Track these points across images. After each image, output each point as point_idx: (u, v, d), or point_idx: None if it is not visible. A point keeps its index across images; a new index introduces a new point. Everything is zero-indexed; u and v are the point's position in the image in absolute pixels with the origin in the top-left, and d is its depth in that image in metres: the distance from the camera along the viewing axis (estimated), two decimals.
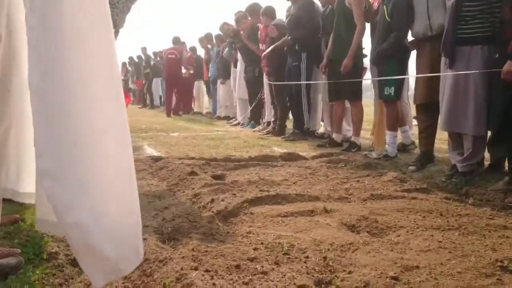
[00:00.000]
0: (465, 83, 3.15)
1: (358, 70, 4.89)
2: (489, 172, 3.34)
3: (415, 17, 3.78)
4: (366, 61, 5.12)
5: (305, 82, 5.68)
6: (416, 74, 3.88)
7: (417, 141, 4.27)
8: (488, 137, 3.30)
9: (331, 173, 3.73)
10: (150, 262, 1.79)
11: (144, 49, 15.68)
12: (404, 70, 4.16)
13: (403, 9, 3.88)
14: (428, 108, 3.76)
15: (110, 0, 4.16)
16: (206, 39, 10.84)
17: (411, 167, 3.75)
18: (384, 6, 4.15)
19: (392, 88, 4.16)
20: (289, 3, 6.03)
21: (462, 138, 3.30)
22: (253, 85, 7.67)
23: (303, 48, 5.66)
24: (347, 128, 5.61)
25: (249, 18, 7.24)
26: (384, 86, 4.22)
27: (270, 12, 6.40)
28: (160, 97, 15.41)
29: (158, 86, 15.04)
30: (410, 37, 4.07)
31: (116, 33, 4.48)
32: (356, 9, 4.71)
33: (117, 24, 4.39)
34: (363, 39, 4.98)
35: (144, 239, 2.02)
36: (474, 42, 3.10)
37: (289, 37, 5.79)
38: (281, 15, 6.69)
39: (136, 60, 17.72)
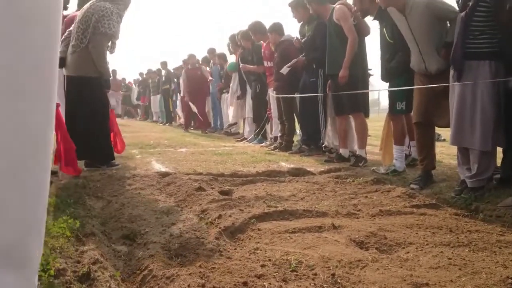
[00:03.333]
0: (472, 98, 3.14)
1: (357, 83, 4.89)
2: (499, 188, 3.30)
3: (411, 52, 3.79)
4: (372, 80, 5.16)
5: (313, 94, 5.69)
6: (415, 94, 3.86)
7: None
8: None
9: (339, 188, 3.71)
10: (157, 279, 1.79)
11: (164, 64, 15.07)
12: (413, 85, 4.16)
13: None
14: (424, 126, 3.76)
15: (105, 13, 4.23)
16: (210, 55, 11.05)
17: (413, 185, 3.71)
18: (384, 29, 4.21)
19: (404, 103, 4.17)
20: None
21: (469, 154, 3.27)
22: (255, 102, 7.77)
23: (320, 65, 5.67)
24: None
25: (252, 36, 7.32)
26: (395, 101, 4.22)
27: (278, 29, 6.46)
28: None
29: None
30: None
31: (114, 44, 4.54)
32: (345, 23, 4.83)
33: (115, 36, 4.45)
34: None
35: (151, 255, 2.03)
36: (482, 57, 3.10)
37: (304, 57, 5.84)
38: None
39: (145, 76, 17.87)
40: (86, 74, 4.37)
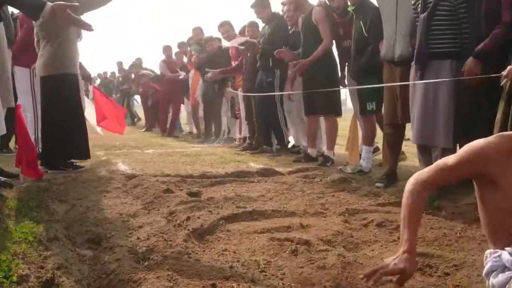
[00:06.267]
0: (433, 97, 3.23)
1: (332, 86, 4.94)
2: (461, 185, 3.41)
3: (384, 38, 3.83)
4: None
5: (292, 92, 5.73)
6: (385, 95, 3.92)
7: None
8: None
9: (307, 188, 3.75)
10: (124, 283, 1.76)
11: (120, 64, 14.84)
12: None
13: (381, 22, 3.94)
14: (394, 127, 3.84)
15: None
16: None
17: (378, 184, 3.78)
18: (361, 22, 4.23)
19: (374, 103, 4.24)
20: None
21: (431, 152, 3.36)
22: (211, 101, 7.73)
23: (277, 65, 5.73)
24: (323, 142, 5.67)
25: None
26: (366, 102, 4.29)
27: (255, 26, 6.47)
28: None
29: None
30: None
31: None
32: (322, 26, 4.84)
33: None
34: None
35: (118, 259, 2.00)
36: (443, 56, 3.19)
37: (261, 48, 5.88)
38: None
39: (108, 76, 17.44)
40: (58, 72, 4.25)
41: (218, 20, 7.23)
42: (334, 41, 4.99)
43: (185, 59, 9.47)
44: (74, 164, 4.58)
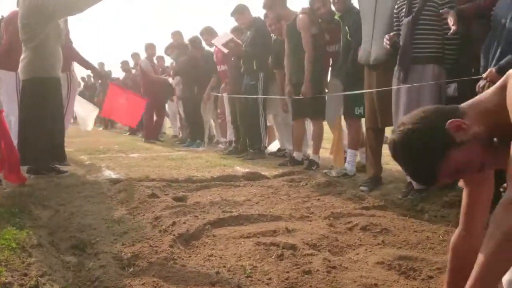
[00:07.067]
0: (417, 101, 3.27)
1: (317, 90, 4.96)
2: (444, 189, 3.46)
3: (362, 41, 3.85)
4: None
5: (279, 97, 5.74)
6: (366, 100, 3.96)
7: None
8: None
9: (293, 192, 3.76)
10: None
11: (101, 65, 13.84)
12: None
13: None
14: (375, 131, 3.88)
15: None
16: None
17: (363, 187, 3.81)
18: (346, 28, 4.26)
19: (362, 108, 4.25)
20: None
21: None
22: (190, 104, 7.73)
23: (261, 68, 5.75)
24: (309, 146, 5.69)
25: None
26: (354, 106, 4.30)
27: (238, 31, 6.48)
28: None
29: None
30: None
31: None
32: (304, 35, 4.81)
33: None
34: None
35: (102, 266, 1.98)
36: (426, 61, 3.24)
37: (244, 51, 5.90)
38: None
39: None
40: (36, 75, 4.18)
41: (218, 20, 7.26)
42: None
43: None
44: (58, 168, 4.52)
